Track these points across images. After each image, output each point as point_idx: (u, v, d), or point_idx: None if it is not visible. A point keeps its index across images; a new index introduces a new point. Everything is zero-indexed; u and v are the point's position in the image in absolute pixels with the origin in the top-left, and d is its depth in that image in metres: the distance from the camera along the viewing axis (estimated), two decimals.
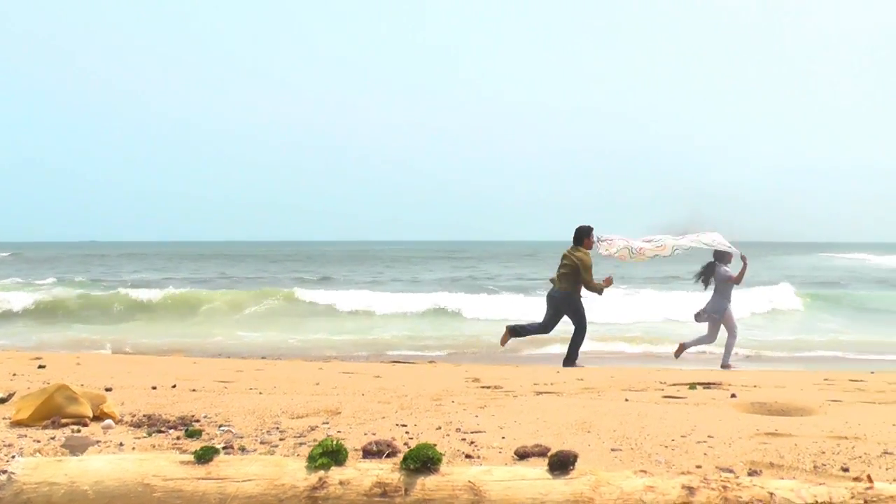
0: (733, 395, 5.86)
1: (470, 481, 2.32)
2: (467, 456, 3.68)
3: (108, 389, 5.66)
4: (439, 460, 2.43)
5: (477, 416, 4.73)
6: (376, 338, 15.56)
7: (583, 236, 10.00)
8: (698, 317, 10.70)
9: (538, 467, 2.39)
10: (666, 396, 5.89)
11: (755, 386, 6.76)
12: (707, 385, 6.70)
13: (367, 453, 3.67)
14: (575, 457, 2.36)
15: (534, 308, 19.19)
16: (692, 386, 6.58)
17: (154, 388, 6.01)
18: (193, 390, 5.96)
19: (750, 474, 3.38)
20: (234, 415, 4.77)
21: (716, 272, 10.53)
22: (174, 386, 6.19)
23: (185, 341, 14.99)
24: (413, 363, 10.52)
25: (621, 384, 6.68)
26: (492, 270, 44.52)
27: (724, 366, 10.26)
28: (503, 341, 10.35)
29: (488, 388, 6.50)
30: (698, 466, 3.52)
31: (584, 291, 9.90)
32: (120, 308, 20.09)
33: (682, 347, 10.66)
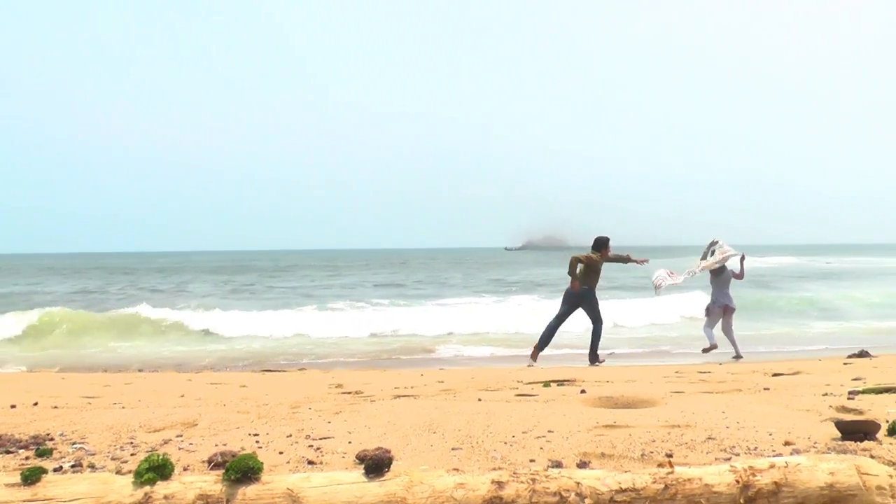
0: (583, 391, 6.12)
1: (289, 488, 2.38)
2: (310, 462, 3.72)
3: None
4: (260, 469, 2.48)
5: (330, 423, 4.78)
6: (251, 348, 15.35)
7: (601, 246, 11.29)
8: (710, 311, 12.25)
9: (356, 471, 2.48)
10: (519, 395, 6.08)
11: (608, 381, 7.07)
12: (561, 382, 6.96)
13: (213, 465, 3.67)
14: (390, 459, 2.46)
15: (399, 315, 19.60)
16: (546, 384, 6.82)
17: (13, 406, 5.75)
18: (55, 407, 5.73)
19: (579, 466, 3.57)
20: (91, 431, 4.64)
21: (726, 270, 12.12)
22: (36, 403, 5.94)
23: (58, 355, 14.38)
24: (284, 371, 10.46)
25: (480, 385, 6.86)
26: (358, 279, 44.74)
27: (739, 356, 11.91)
28: (534, 356, 11.08)
29: (349, 393, 6.55)
30: (532, 460, 3.68)
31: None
32: None
33: (711, 348, 11.97)
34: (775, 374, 7.87)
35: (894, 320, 18.72)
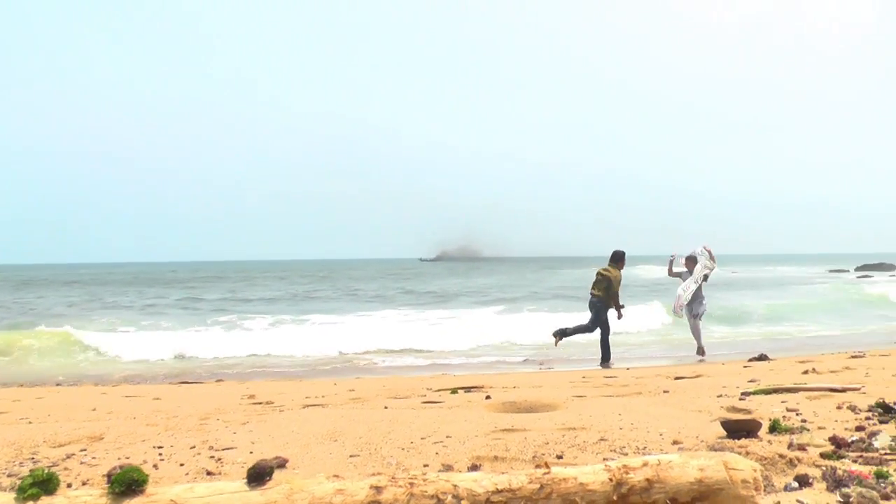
0: (488, 397, 6.28)
1: (172, 500, 2.44)
2: (209, 473, 3.77)
3: None
4: (144, 482, 2.54)
5: (235, 433, 4.82)
6: (169, 363, 15.05)
7: (619, 258, 12.15)
8: (698, 315, 12.68)
9: (240, 481, 2.56)
10: (426, 402, 6.21)
11: (515, 387, 7.24)
12: (468, 389, 7.11)
13: (111, 479, 3.68)
14: (272, 468, 2.55)
15: (317, 326, 19.67)
16: (454, 391, 6.97)
17: None
18: None
19: (470, 469, 3.71)
20: None
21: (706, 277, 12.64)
22: None
23: None
24: (201, 383, 10.36)
25: (390, 392, 6.96)
26: (277, 291, 44.26)
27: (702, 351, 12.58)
28: (556, 343, 12.10)
29: (260, 403, 6.59)
30: (426, 465, 3.81)
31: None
32: None
33: (701, 350, 12.64)
34: (678, 378, 8.15)
35: (790, 324, 19.81)
